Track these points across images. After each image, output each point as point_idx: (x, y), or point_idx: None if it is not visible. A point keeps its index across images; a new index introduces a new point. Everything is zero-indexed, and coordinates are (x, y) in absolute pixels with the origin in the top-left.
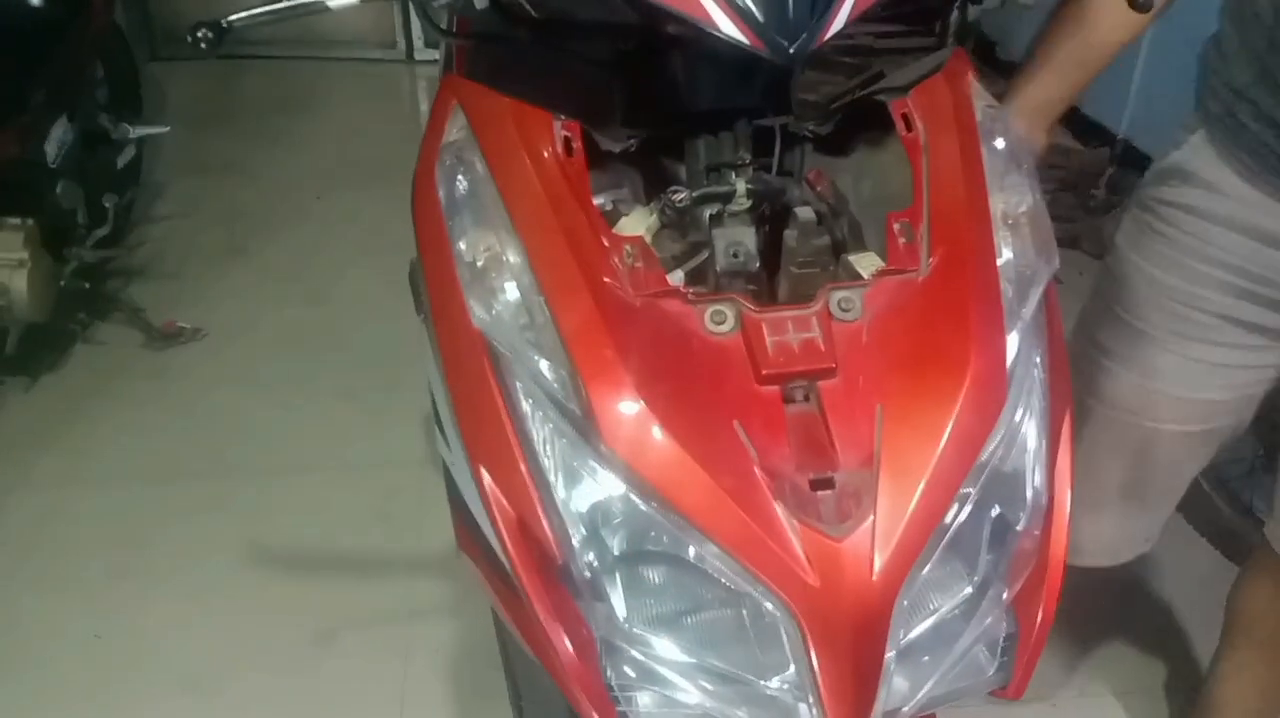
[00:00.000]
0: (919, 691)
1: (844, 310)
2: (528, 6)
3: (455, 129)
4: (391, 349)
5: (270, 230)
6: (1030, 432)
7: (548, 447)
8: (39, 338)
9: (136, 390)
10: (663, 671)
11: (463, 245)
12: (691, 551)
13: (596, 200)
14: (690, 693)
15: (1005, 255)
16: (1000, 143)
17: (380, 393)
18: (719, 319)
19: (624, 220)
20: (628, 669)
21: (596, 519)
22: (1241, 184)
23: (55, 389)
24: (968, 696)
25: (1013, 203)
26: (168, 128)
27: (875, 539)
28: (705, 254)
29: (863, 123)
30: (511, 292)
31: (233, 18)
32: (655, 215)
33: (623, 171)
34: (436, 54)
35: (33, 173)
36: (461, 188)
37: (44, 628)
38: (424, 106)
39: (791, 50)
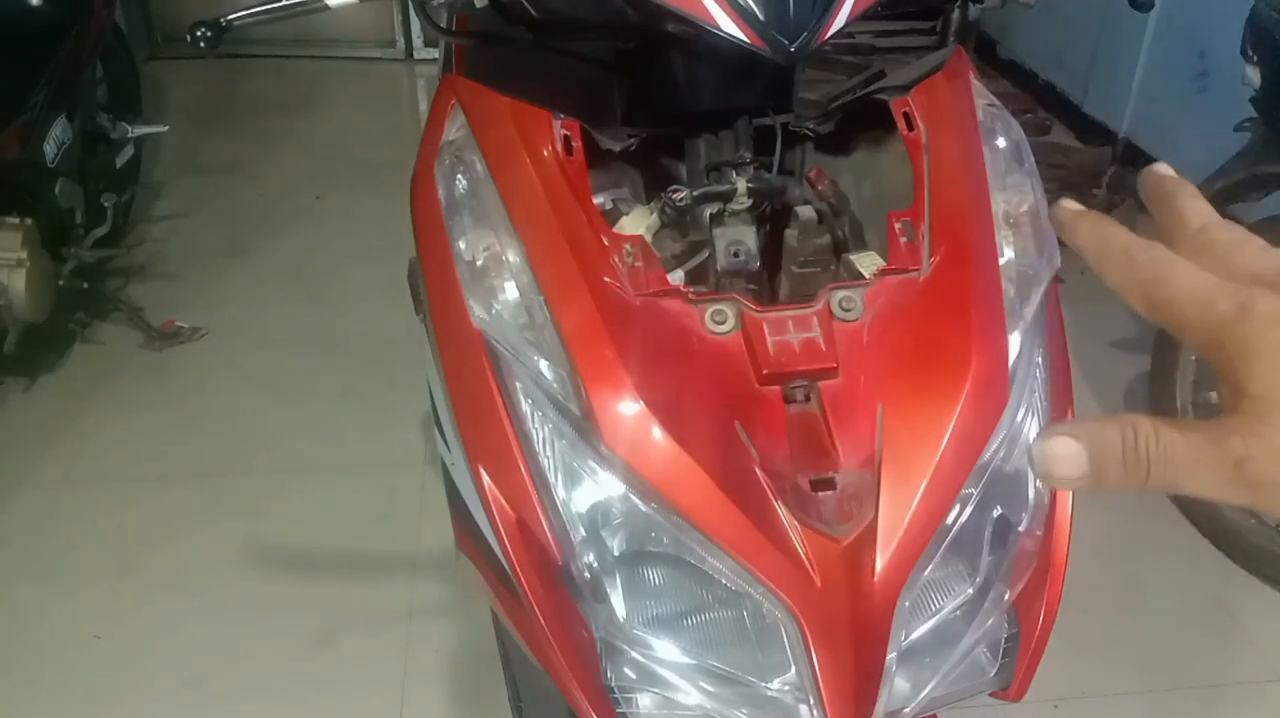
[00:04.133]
0: (920, 692)
1: (845, 310)
2: (527, 6)
3: (455, 128)
4: (391, 349)
5: (270, 230)
6: (1032, 432)
7: (548, 447)
8: (38, 338)
9: (136, 390)
10: (663, 672)
11: (462, 245)
12: (692, 551)
13: (596, 200)
14: (690, 694)
15: (1007, 255)
16: (1001, 142)
17: (380, 393)
18: (719, 319)
19: (624, 220)
20: (628, 671)
21: (596, 520)
22: None
23: (54, 389)
24: (969, 696)
25: (1014, 202)
26: (167, 127)
27: (877, 540)
28: (706, 253)
29: (864, 122)
30: (511, 291)
31: (232, 16)
32: (655, 215)
33: (623, 171)
34: (436, 53)
35: (31, 172)
36: (461, 187)
37: (44, 628)
38: (423, 106)
39: (792, 49)
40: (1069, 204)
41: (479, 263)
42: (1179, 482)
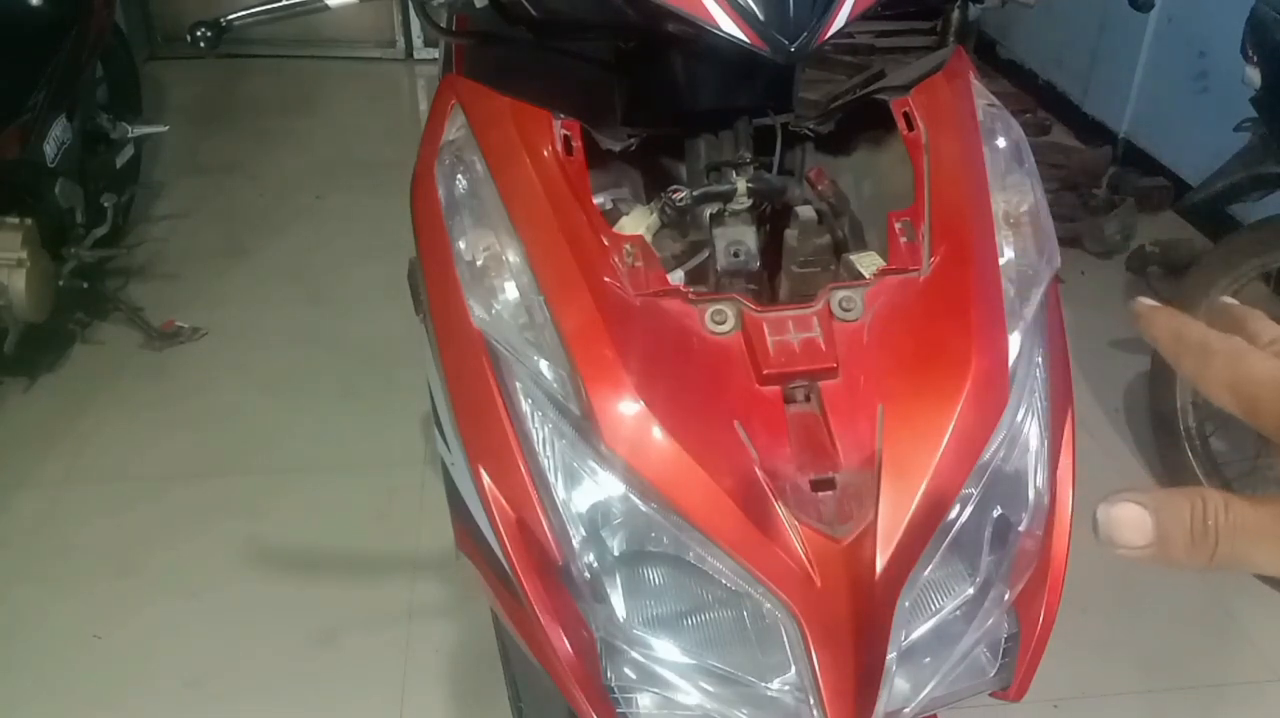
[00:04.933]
0: (920, 692)
1: (845, 310)
2: (527, 6)
3: (455, 128)
4: (391, 349)
5: (270, 230)
6: (1032, 432)
7: (548, 447)
8: (38, 338)
9: (136, 390)
10: (663, 672)
11: (462, 245)
12: (692, 551)
13: (596, 200)
14: (690, 694)
15: (1007, 255)
16: (1001, 142)
17: (380, 393)
18: (719, 319)
19: (624, 220)
20: (628, 671)
21: (596, 520)
22: None
23: (54, 389)
24: (969, 696)
25: (1014, 202)
26: (167, 127)
27: (877, 540)
28: (706, 253)
29: (864, 122)
30: (511, 291)
31: (232, 16)
32: (655, 214)
33: (623, 171)
34: (436, 53)
35: (32, 172)
36: (461, 187)
37: (44, 628)
38: (423, 106)
39: (792, 49)
40: (1146, 301)
41: (479, 263)
42: (1248, 556)
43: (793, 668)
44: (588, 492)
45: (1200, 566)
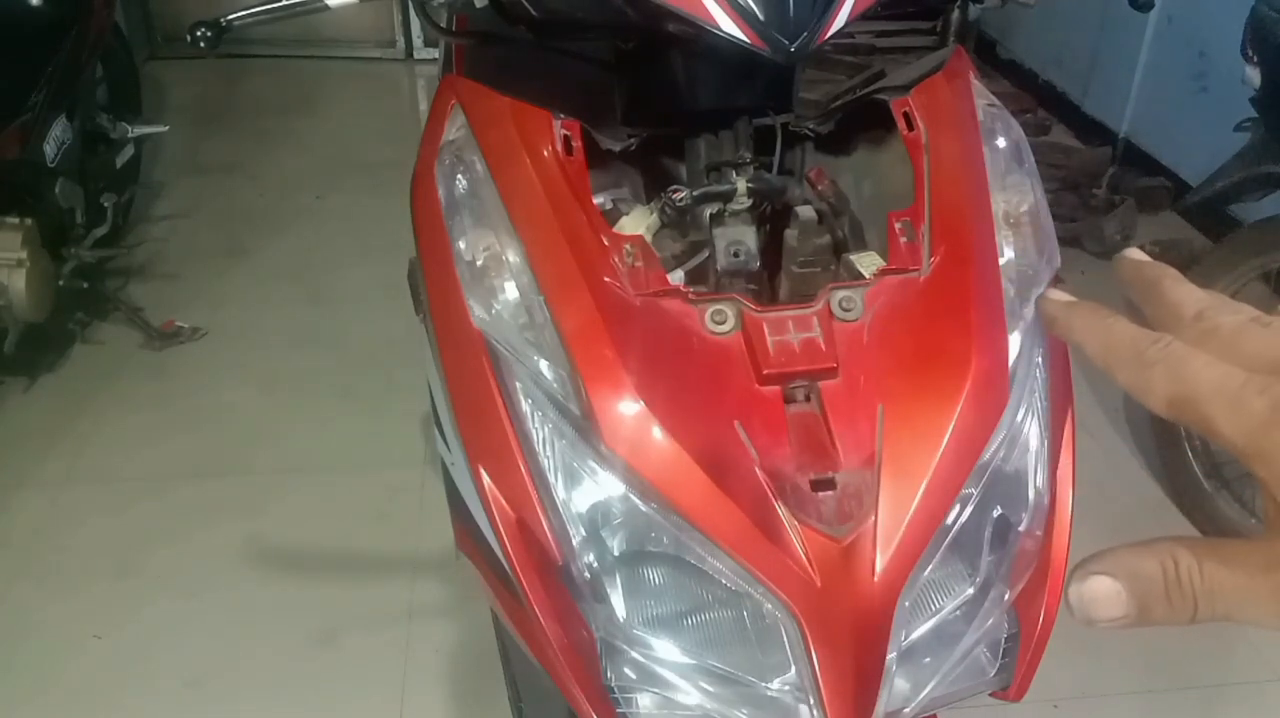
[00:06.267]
0: (920, 692)
1: (845, 310)
2: (527, 6)
3: (455, 128)
4: (391, 349)
5: (270, 230)
6: (1032, 432)
7: (548, 447)
8: (38, 338)
9: (136, 390)
10: (663, 672)
11: (462, 245)
12: (692, 551)
13: (596, 200)
14: (690, 694)
15: (1007, 255)
16: (1001, 141)
17: (380, 393)
18: (719, 319)
19: (624, 220)
20: (628, 671)
21: (596, 520)
22: None
23: (54, 389)
24: (969, 696)
25: (1014, 202)
26: (167, 127)
27: (877, 540)
28: (706, 253)
29: (864, 122)
30: (511, 291)
31: (232, 16)
32: (655, 214)
33: (623, 171)
34: (436, 53)
35: (31, 172)
36: (461, 187)
37: (44, 628)
38: (423, 106)
39: (792, 49)
40: (1056, 295)
41: (479, 263)
42: (1229, 614)
43: (793, 668)
44: (588, 492)
45: (1183, 624)
